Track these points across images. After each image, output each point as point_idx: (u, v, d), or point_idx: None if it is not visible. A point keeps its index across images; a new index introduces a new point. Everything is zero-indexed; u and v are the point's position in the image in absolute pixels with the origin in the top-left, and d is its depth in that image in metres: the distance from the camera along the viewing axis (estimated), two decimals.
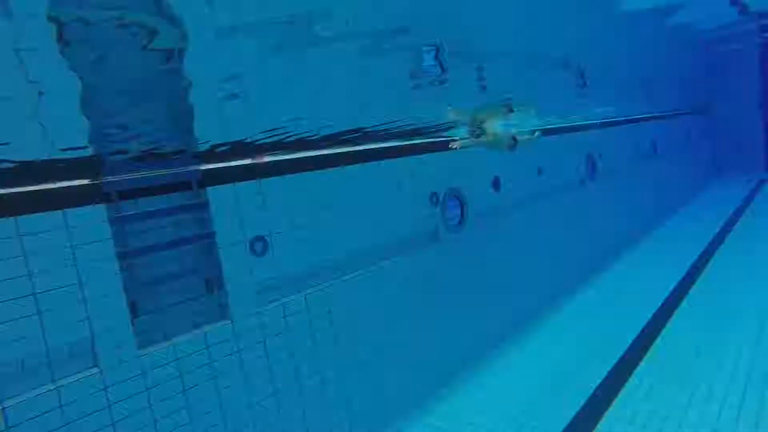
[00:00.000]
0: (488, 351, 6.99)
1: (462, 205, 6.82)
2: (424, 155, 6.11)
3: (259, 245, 4.43)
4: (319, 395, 4.80)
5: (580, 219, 9.72)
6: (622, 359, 6.33)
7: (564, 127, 9.36)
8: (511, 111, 6.26)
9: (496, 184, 7.40)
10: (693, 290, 8.43)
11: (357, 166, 5.33)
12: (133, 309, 3.79)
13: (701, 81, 18.33)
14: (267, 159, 4.50)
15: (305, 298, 4.76)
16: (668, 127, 15.19)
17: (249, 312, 4.32)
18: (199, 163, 4.10)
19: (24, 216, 3.26)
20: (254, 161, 4.42)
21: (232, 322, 4.21)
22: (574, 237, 9.48)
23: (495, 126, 6.22)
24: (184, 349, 3.91)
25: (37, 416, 3.21)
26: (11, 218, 3.21)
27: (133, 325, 3.70)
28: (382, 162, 5.59)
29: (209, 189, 4.12)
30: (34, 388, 3.27)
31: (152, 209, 3.91)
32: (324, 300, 4.91)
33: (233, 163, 4.35)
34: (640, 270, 9.99)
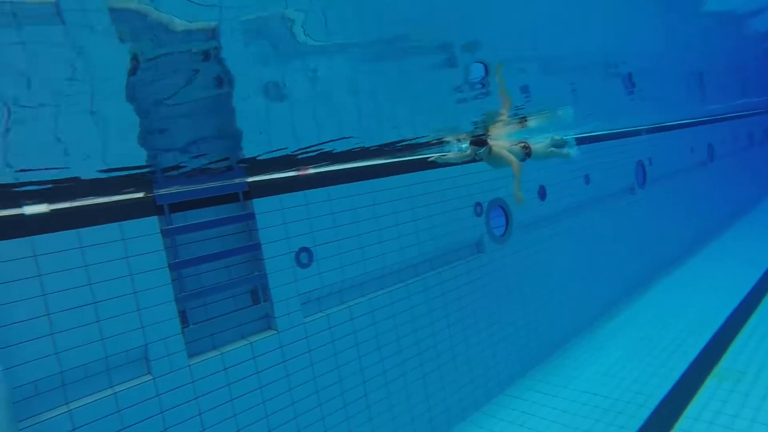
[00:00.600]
0: (531, 368, 6.74)
1: (506, 215, 6.66)
2: (467, 165, 6.02)
3: (305, 256, 4.46)
4: (364, 408, 4.75)
5: (630, 227, 9.28)
6: (684, 376, 5.93)
7: (611, 134, 9.02)
8: (525, 121, 5.65)
9: (542, 193, 7.19)
10: (763, 304, 7.82)
11: (401, 176, 5.31)
12: (183, 319, 3.89)
13: (764, 77, 17.22)
14: (311, 171, 4.54)
15: (349, 310, 4.74)
16: (727, 129, 14.36)
17: (294, 323, 4.35)
18: (246, 175, 4.19)
19: (85, 228, 3.42)
20: (299, 173, 4.47)
21: (277, 332, 4.24)
22: (625, 246, 9.05)
23: (500, 139, 5.32)
24: (231, 359, 3.97)
25: (99, 419, 3.33)
26: (74, 230, 3.38)
27: (183, 334, 3.80)
28: (426, 172, 5.55)
29: (255, 201, 4.20)
30: (95, 393, 3.41)
31: (201, 221, 4.02)
32: (368, 312, 4.88)
33: (279, 175, 4.42)
34: (700, 282, 9.39)
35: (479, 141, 4.98)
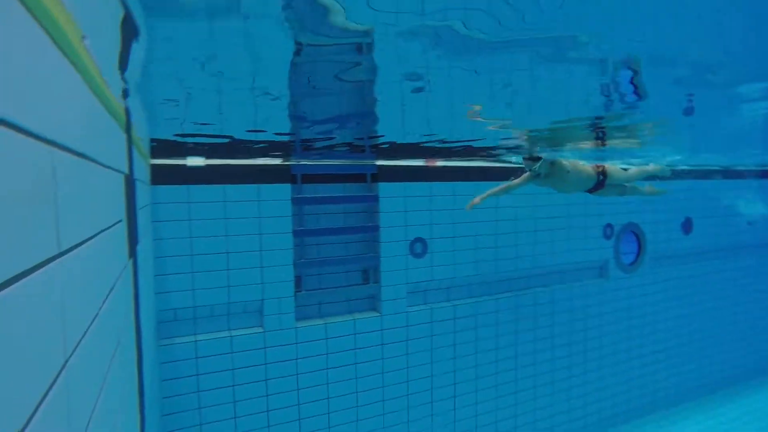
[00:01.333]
0: (639, 416, 6.03)
1: (639, 243, 6.00)
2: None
3: (419, 247, 4.47)
4: (450, 408, 4.67)
5: None
6: None
7: None
8: (602, 140, 3.96)
9: (686, 226, 6.34)
10: None
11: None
12: (298, 284, 4.14)
13: None
14: (439, 163, 4.51)
15: (453, 308, 4.67)
16: None
17: (398, 309, 4.40)
18: (376, 158, 4.28)
19: (230, 185, 3.79)
20: (427, 164, 4.46)
21: (380, 315, 4.33)
22: None
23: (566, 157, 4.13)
24: (334, 330, 4.15)
25: (216, 355, 3.72)
26: (221, 186, 3.76)
27: (295, 297, 4.05)
28: None
29: (381, 184, 4.29)
30: (216, 332, 3.80)
31: (328, 195, 4.23)
32: (471, 315, 4.76)
33: (407, 163, 4.45)
34: None
35: (534, 157, 4.03)
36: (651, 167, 4.38)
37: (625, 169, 4.27)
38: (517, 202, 4.95)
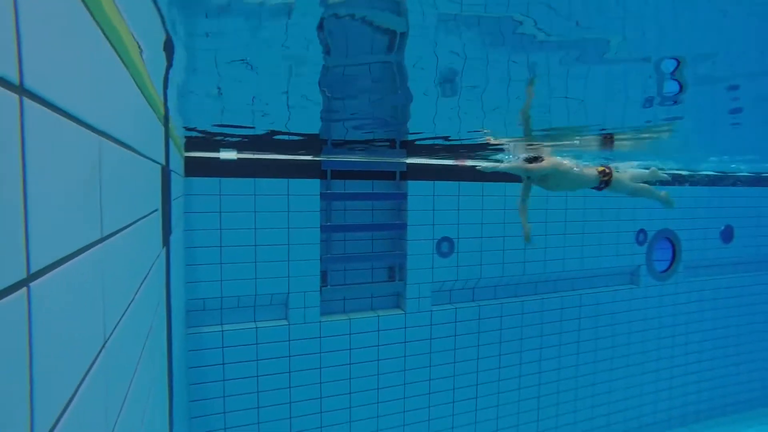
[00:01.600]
0: (668, 429, 5.84)
1: (674, 250, 5.81)
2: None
3: (446, 246, 4.45)
4: (472, 409, 4.63)
5: None
6: None
7: None
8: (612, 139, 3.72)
9: (727, 234, 6.10)
10: None
11: None
12: (324, 278, 4.17)
13: None
14: (469, 162, 4.47)
15: (479, 308, 4.62)
16: None
17: (422, 308, 4.39)
18: (406, 156, 4.27)
19: (264, 179, 3.85)
20: (456, 163, 4.43)
21: (404, 313, 4.33)
22: None
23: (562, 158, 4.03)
24: (357, 326, 4.17)
25: (241, 345, 3.80)
26: (252, 179, 3.82)
27: (320, 292, 4.09)
28: None
29: (410, 182, 4.28)
30: (242, 322, 3.88)
31: (357, 192, 4.24)
32: (497, 316, 4.70)
33: (436, 161, 4.43)
34: None
35: (533, 158, 3.97)
36: (650, 171, 4.33)
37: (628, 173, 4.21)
38: (548, 204, 4.87)
